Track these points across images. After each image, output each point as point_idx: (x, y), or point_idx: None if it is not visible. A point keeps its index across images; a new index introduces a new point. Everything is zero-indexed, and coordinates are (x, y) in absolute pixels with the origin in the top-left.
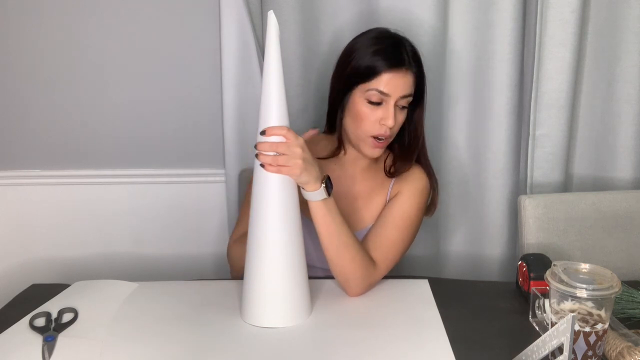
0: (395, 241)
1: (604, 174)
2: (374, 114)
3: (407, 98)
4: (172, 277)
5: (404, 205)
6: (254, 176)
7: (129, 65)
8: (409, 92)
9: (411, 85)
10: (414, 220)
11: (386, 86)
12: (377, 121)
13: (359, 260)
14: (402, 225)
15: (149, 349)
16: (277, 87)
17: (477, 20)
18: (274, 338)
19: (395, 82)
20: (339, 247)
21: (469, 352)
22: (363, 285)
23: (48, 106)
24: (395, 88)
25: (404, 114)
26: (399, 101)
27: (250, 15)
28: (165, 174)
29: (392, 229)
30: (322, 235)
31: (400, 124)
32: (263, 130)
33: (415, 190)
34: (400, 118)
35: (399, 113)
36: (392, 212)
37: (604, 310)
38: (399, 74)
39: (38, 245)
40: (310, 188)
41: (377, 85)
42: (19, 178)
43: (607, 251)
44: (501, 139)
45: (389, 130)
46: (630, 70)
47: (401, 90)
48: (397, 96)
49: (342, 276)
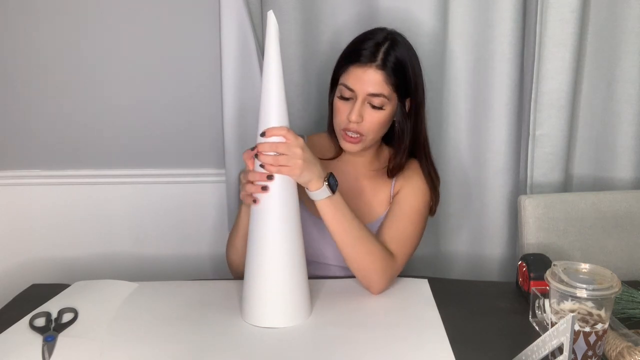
0: (409, 234)
1: (604, 174)
2: (344, 108)
3: (379, 98)
4: (172, 277)
5: (412, 200)
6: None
7: (129, 65)
8: (379, 92)
9: (380, 84)
10: (423, 213)
11: (351, 80)
12: (345, 115)
13: (377, 252)
14: (414, 219)
15: (149, 349)
16: (277, 87)
17: (477, 20)
18: (274, 338)
19: (360, 79)
20: (353, 243)
21: (469, 352)
22: (384, 278)
23: (48, 106)
24: (360, 84)
25: (380, 114)
26: (370, 99)
27: (250, 15)
28: (165, 174)
29: (406, 222)
30: (335, 233)
31: (374, 124)
32: (263, 132)
33: (417, 186)
34: (373, 117)
35: (371, 112)
36: (401, 206)
37: (604, 310)
38: (364, 70)
39: (38, 245)
40: (313, 187)
41: (345, 80)
42: (19, 178)
43: (607, 251)
44: (501, 139)
45: (355, 126)
46: (630, 71)
47: (367, 87)
48: (364, 93)
49: (362, 272)
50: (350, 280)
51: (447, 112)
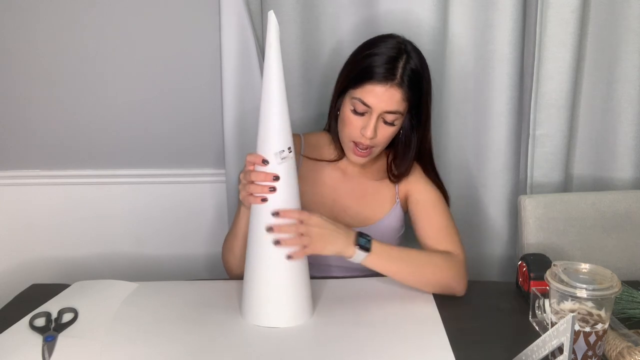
0: (449, 225)
1: (604, 174)
2: (356, 121)
3: (395, 115)
4: (172, 277)
5: (430, 195)
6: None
7: (129, 65)
8: (395, 109)
9: (398, 102)
10: (443, 201)
11: (368, 98)
12: (358, 129)
13: (440, 265)
14: (443, 209)
15: (149, 348)
16: (277, 87)
17: (477, 20)
18: (275, 338)
19: (379, 96)
20: (416, 273)
21: (469, 352)
22: (460, 278)
23: (48, 106)
24: (378, 102)
25: (392, 129)
26: (384, 115)
27: (250, 15)
28: (165, 174)
29: (439, 217)
30: (394, 276)
31: (385, 138)
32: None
33: (425, 180)
34: (385, 132)
35: (383, 127)
36: (425, 206)
37: (604, 310)
38: (383, 88)
39: (38, 245)
40: (347, 255)
41: (361, 95)
42: (19, 178)
43: (607, 251)
44: (501, 139)
45: (368, 141)
46: (630, 71)
47: (384, 105)
48: (380, 110)
49: (441, 287)
50: (352, 281)
51: (447, 112)
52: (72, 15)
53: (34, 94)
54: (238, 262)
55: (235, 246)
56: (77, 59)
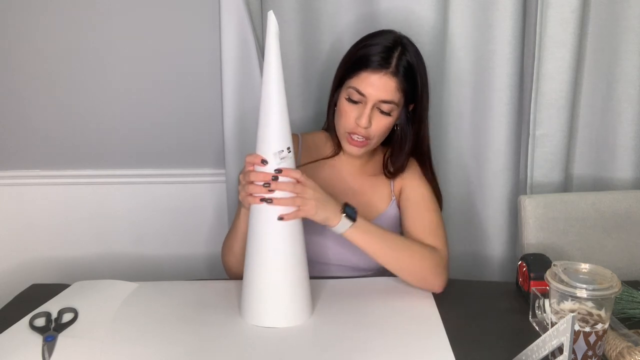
0: (437, 221)
1: (604, 174)
2: (352, 111)
3: (390, 104)
4: (172, 277)
5: (422, 191)
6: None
7: (129, 66)
8: (390, 98)
9: (392, 91)
10: (435, 200)
11: (363, 86)
12: (353, 119)
13: (420, 253)
14: (433, 206)
15: (148, 349)
16: (277, 87)
17: (477, 20)
18: (275, 338)
19: (373, 84)
20: (395, 256)
21: (469, 352)
22: (439, 273)
23: (48, 106)
24: (372, 90)
25: (387, 119)
26: (379, 105)
27: (250, 15)
28: (165, 174)
29: (429, 213)
30: (373, 255)
31: (381, 129)
32: (280, 169)
33: (419, 176)
34: (380, 123)
35: (379, 117)
36: (416, 201)
37: (604, 310)
38: (378, 76)
39: (38, 245)
40: (332, 223)
41: (356, 84)
42: (19, 178)
43: (607, 251)
44: (501, 139)
45: (363, 131)
46: (630, 70)
47: (379, 94)
48: (375, 99)
49: (416, 277)
50: (352, 281)
51: (447, 112)
52: (72, 15)
53: (33, 94)
54: (238, 262)
55: (235, 246)
56: (77, 59)
